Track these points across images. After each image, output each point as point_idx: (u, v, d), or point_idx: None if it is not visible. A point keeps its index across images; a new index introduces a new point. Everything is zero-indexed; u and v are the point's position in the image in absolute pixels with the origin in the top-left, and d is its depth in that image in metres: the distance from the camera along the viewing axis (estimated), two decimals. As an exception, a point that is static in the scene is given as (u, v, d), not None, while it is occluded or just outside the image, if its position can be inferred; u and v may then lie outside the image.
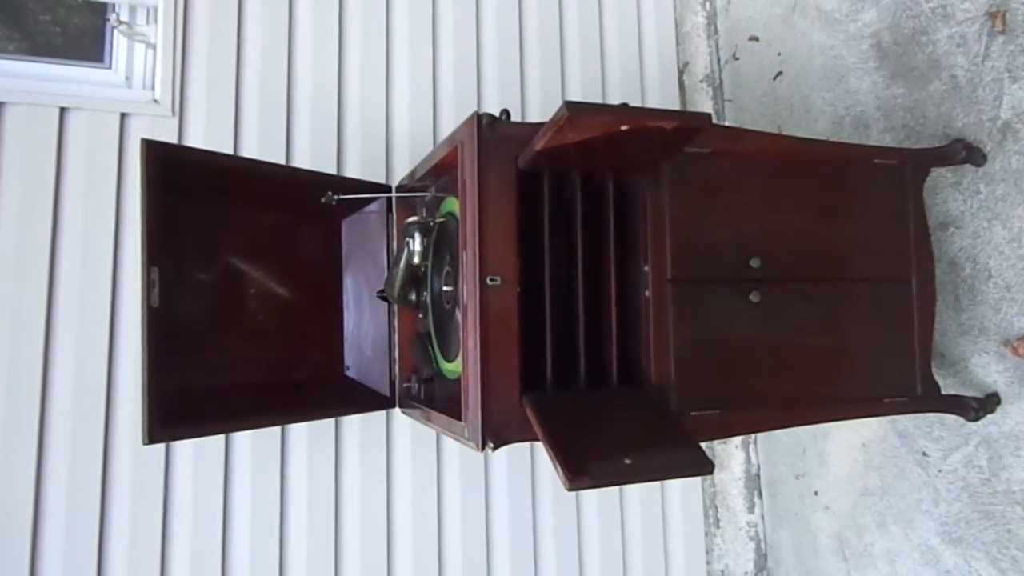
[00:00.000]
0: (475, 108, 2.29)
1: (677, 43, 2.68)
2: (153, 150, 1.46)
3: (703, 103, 2.61)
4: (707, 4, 2.64)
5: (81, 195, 1.84)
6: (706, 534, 2.50)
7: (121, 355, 1.83)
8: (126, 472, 1.81)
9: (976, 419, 1.64)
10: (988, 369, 1.67)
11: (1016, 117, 1.59)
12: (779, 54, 2.33)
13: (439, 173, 1.70)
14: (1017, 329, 1.60)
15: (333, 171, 2.09)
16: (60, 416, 1.76)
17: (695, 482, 2.49)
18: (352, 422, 2.05)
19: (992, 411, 1.63)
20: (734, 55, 2.54)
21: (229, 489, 1.91)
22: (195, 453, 1.87)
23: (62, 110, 1.84)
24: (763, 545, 2.46)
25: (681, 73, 2.67)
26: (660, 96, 2.61)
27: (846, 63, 2.05)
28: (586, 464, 1.18)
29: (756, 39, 2.43)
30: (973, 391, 1.68)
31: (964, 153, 1.65)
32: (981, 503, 1.68)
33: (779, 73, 2.33)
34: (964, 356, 1.72)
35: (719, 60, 2.62)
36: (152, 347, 1.41)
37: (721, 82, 2.61)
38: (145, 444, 1.40)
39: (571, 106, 1.14)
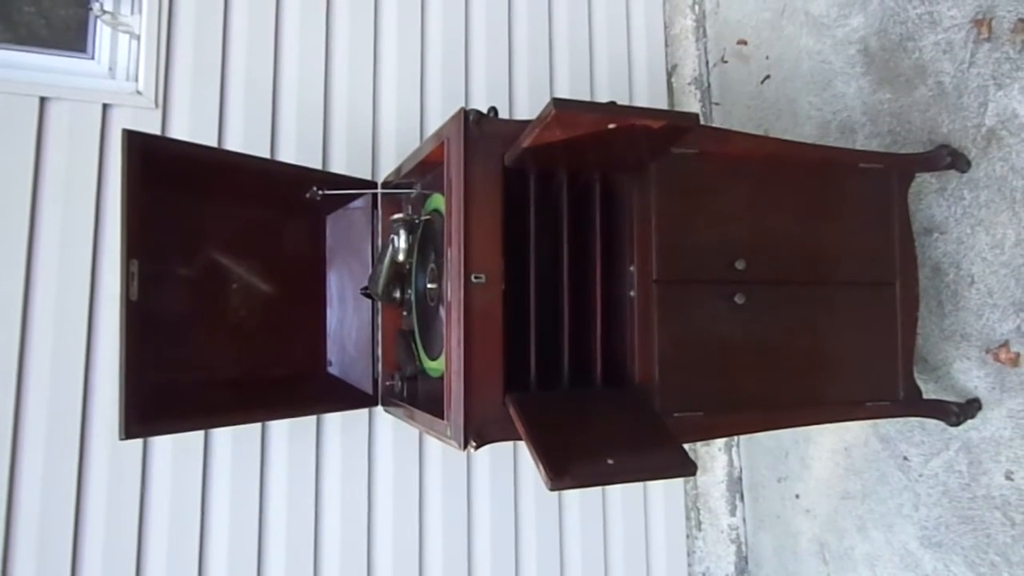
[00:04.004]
0: (463, 105, 2.28)
1: (666, 45, 2.68)
2: (134, 141, 1.44)
3: (691, 106, 2.61)
4: (696, 7, 2.64)
5: (61, 186, 1.81)
6: (688, 536, 2.50)
7: (99, 349, 1.81)
8: (103, 468, 1.78)
9: (957, 424, 1.64)
10: (970, 374, 1.68)
11: (1001, 124, 1.60)
12: (767, 58, 2.33)
13: (425, 170, 1.69)
14: (999, 335, 1.61)
15: (318, 166, 2.07)
16: (36, 410, 1.73)
17: (677, 484, 2.49)
18: (334, 420, 2.03)
19: (973, 416, 1.64)
20: (722, 58, 2.55)
21: (207, 486, 1.89)
22: (173, 449, 1.85)
23: (42, 100, 1.81)
24: (744, 548, 2.46)
25: (669, 75, 2.67)
26: (648, 98, 2.61)
27: (833, 68, 2.06)
28: (569, 464, 1.17)
29: (744, 43, 2.44)
30: (954, 396, 1.69)
31: (949, 159, 1.66)
32: (961, 508, 1.69)
33: (767, 77, 2.33)
34: (946, 361, 1.73)
35: (707, 63, 2.63)
36: (130, 341, 1.39)
37: (709, 85, 2.61)
38: (122, 439, 1.38)
39: (558, 103, 1.14)
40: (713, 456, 2.50)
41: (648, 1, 2.65)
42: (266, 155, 2.02)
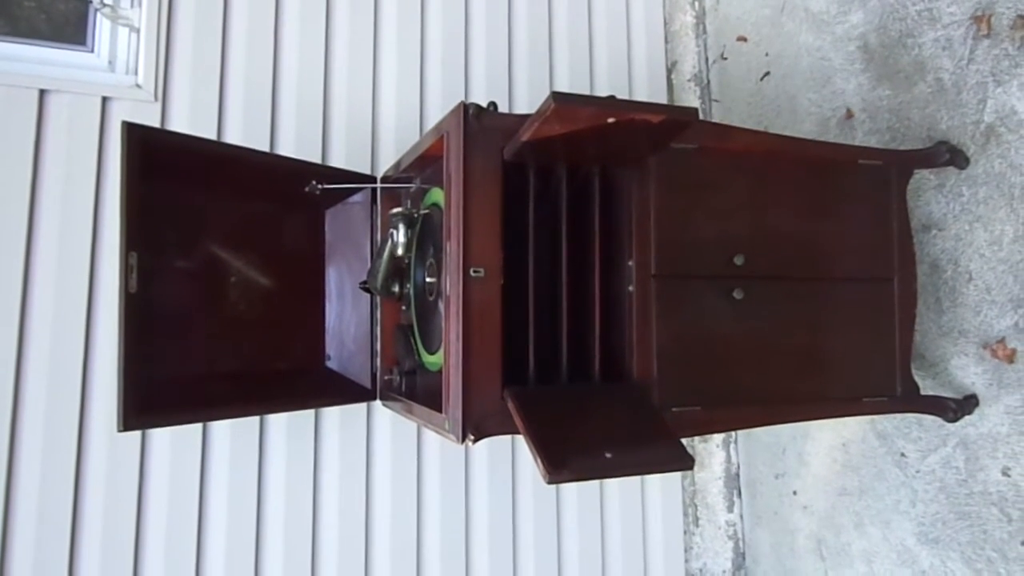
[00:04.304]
0: (462, 99, 2.28)
1: (666, 42, 2.68)
2: (134, 133, 1.43)
3: (690, 102, 2.61)
4: (696, 3, 2.64)
5: (60, 178, 1.81)
6: (685, 532, 2.50)
7: (98, 341, 1.80)
8: (101, 460, 1.78)
9: (954, 420, 1.65)
10: (967, 371, 1.68)
11: (999, 121, 1.60)
12: (767, 55, 2.33)
13: (424, 164, 1.69)
14: (997, 331, 1.61)
15: (318, 160, 2.07)
16: (34, 402, 1.73)
17: (675, 480, 2.50)
18: (332, 414, 2.03)
19: (970, 412, 1.64)
20: (722, 55, 2.55)
21: (206, 479, 1.89)
22: (172, 442, 1.85)
23: (42, 92, 1.81)
24: (742, 544, 2.46)
25: (669, 72, 2.67)
26: (648, 94, 2.61)
27: (833, 64, 2.06)
28: (566, 457, 1.17)
29: (744, 39, 2.44)
30: (952, 392, 1.69)
31: (947, 155, 1.67)
32: (958, 504, 1.69)
33: (766, 74, 2.33)
34: (944, 357, 1.73)
35: (707, 60, 2.63)
36: (128, 333, 1.39)
37: (709, 82, 2.61)
38: (120, 431, 1.38)
39: (558, 97, 1.13)
40: (711, 452, 2.50)
41: (648, -3, 2.66)
42: (265, 149, 2.02)
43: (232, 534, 1.90)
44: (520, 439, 2.08)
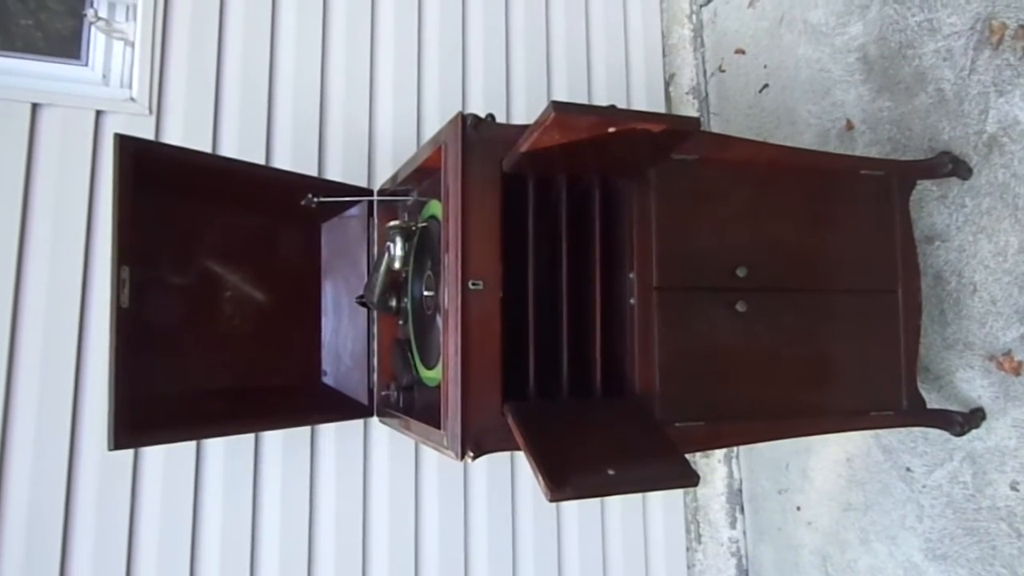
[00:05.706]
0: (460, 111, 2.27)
1: (664, 55, 2.68)
2: (126, 145, 1.42)
3: (689, 115, 2.60)
4: (694, 16, 2.64)
5: (52, 192, 1.79)
6: (688, 549, 2.47)
7: (89, 356, 1.78)
8: (92, 479, 1.75)
9: (961, 434, 1.62)
10: (973, 384, 1.66)
11: (1002, 131, 1.59)
12: (765, 67, 2.33)
13: (422, 176, 1.67)
14: (1002, 343, 1.59)
15: (314, 173, 2.06)
16: (24, 419, 1.70)
17: (677, 497, 2.46)
18: (328, 430, 2.00)
19: (977, 426, 1.62)
20: (720, 68, 2.54)
21: (199, 498, 1.86)
22: (165, 460, 1.82)
23: (34, 106, 1.79)
24: (745, 561, 2.43)
25: (667, 85, 2.67)
26: (646, 107, 2.60)
27: (832, 76, 2.05)
28: (568, 474, 1.14)
29: (742, 52, 2.43)
30: (958, 406, 1.67)
31: (950, 166, 1.65)
32: (965, 519, 1.66)
33: (765, 86, 2.32)
34: (949, 370, 1.71)
35: (705, 72, 2.62)
36: (120, 349, 1.37)
37: (707, 94, 2.61)
38: (111, 450, 1.35)
39: (558, 106, 1.12)
40: (713, 468, 2.47)
41: (645, 10, 2.65)
42: (261, 162, 2.01)
43: (226, 554, 1.86)
44: (520, 455, 2.05)
